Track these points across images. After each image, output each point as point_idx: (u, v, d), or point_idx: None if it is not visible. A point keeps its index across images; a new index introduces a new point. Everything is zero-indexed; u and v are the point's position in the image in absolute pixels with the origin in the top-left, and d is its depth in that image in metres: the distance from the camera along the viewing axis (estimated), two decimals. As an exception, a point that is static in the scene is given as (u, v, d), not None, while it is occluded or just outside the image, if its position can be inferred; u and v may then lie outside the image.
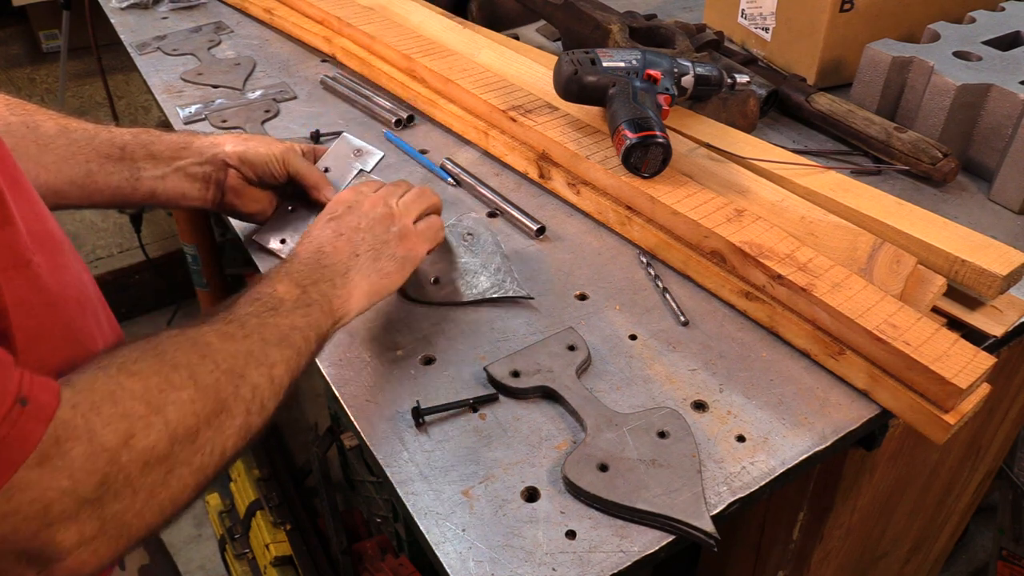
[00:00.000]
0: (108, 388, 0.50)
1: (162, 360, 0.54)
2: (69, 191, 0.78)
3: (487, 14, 1.43)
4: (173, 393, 0.52)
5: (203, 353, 0.56)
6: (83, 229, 2.67)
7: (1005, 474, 1.57)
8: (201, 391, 0.54)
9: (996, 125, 1.03)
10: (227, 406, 0.56)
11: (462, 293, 0.83)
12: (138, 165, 0.82)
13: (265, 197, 0.90)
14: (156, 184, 0.83)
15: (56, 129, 0.79)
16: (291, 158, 0.87)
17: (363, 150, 0.94)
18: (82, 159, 0.79)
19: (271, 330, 0.62)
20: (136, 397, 0.50)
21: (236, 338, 0.59)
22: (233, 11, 1.53)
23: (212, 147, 0.85)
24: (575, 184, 0.97)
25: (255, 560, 1.63)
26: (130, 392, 0.50)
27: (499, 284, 0.83)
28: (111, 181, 0.80)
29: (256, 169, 0.86)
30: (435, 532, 0.63)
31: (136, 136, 0.83)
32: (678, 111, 1.07)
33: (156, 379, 0.52)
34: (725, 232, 0.82)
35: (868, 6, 1.19)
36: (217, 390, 0.56)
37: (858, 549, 1.09)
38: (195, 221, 1.96)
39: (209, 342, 0.58)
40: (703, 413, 0.73)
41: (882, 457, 0.90)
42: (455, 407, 0.73)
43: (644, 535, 0.63)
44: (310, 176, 0.88)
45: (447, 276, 0.84)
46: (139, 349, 0.55)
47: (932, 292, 0.80)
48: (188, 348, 0.56)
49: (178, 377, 0.54)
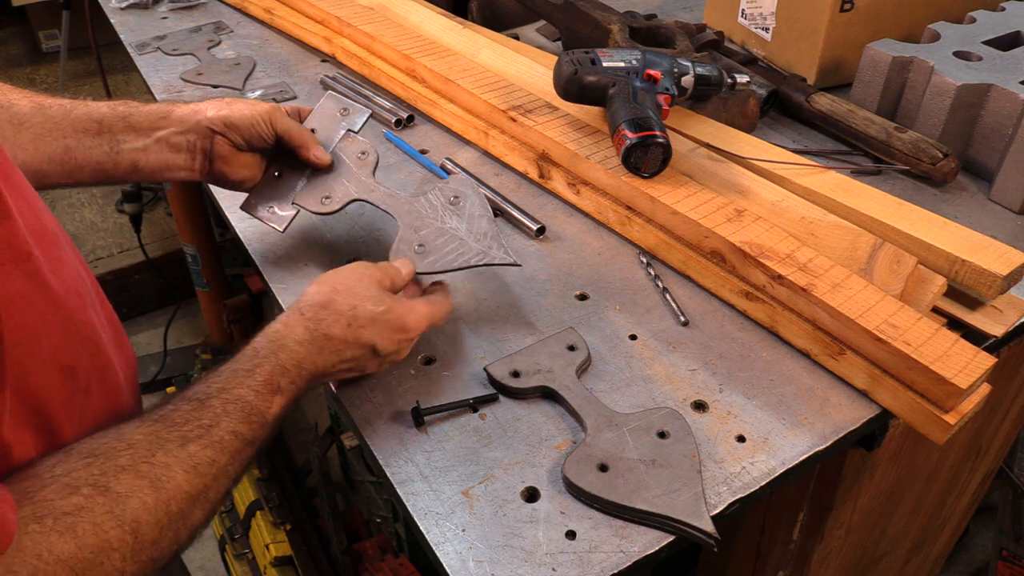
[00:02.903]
0: (35, 551, 0.46)
1: (107, 505, 0.50)
2: (49, 170, 0.75)
3: (487, 14, 1.43)
4: (105, 556, 0.49)
5: (156, 492, 0.53)
6: (83, 229, 2.67)
7: (1005, 474, 1.57)
8: (137, 550, 0.51)
9: (996, 125, 1.03)
10: (160, 556, 0.54)
11: (447, 261, 0.79)
12: (117, 138, 0.78)
13: (254, 162, 0.86)
14: (138, 156, 0.79)
15: (31, 107, 0.76)
16: (278, 117, 0.83)
17: (349, 109, 0.90)
18: (59, 135, 0.76)
19: (232, 453, 0.59)
20: (62, 562, 0.47)
21: (200, 469, 0.56)
22: (233, 11, 1.53)
23: (194, 114, 0.81)
24: (575, 184, 0.97)
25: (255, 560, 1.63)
26: (57, 557, 0.47)
27: (485, 251, 0.79)
28: (91, 156, 0.77)
29: (243, 132, 0.82)
30: (435, 532, 0.63)
31: (114, 108, 0.79)
32: (678, 111, 1.07)
33: (92, 539, 0.49)
34: (725, 232, 0.82)
35: (868, 6, 1.19)
36: (156, 544, 0.53)
37: (858, 549, 1.09)
38: (195, 221, 1.96)
39: (169, 477, 0.54)
40: (703, 413, 0.73)
41: (882, 457, 0.90)
42: (455, 407, 0.73)
43: (644, 535, 0.63)
44: (299, 135, 0.84)
45: (432, 243, 0.80)
46: (86, 480, 0.51)
47: (932, 292, 0.80)
48: (140, 483, 0.53)
49: (118, 535, 0.50)
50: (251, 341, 0.66)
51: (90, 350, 0.61)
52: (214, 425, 0.58)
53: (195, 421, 0.58)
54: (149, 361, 2.36)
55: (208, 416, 0.59)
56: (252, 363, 0.63)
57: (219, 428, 0.59)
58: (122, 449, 0.54)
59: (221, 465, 0.58)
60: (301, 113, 0.89)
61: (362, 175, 0.86)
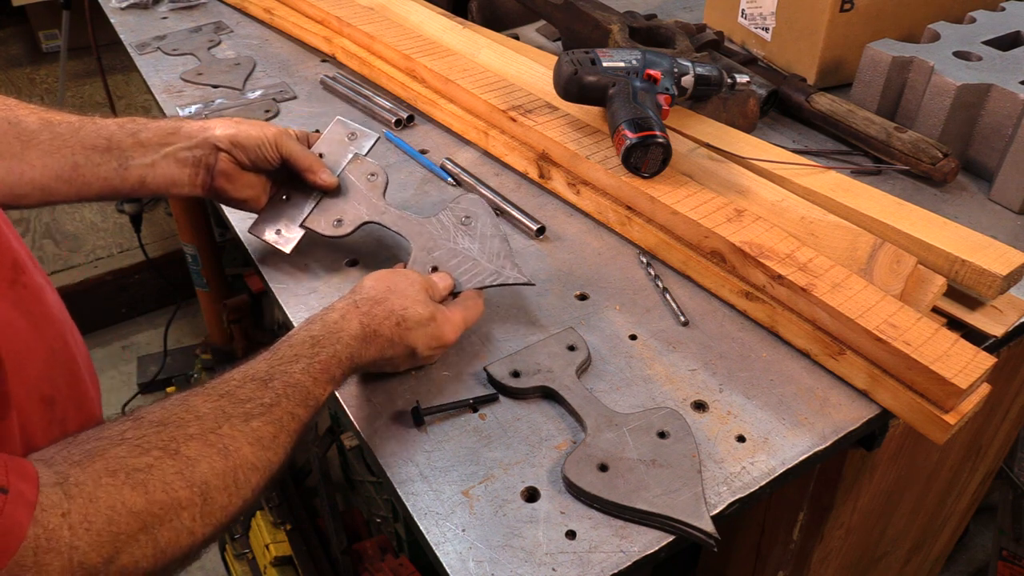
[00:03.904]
0: (109, 502, 0.47)
1: (177, 467, 0.51)
2: (56, 187, 0.76)
3: (487, 14, 1.43)
4: (175, 514, 0.50)
5: (224, 459, 0.55)
6: (83, 229, 2.67)
7: (1005, 474, 1.57)
8: (208, 512, 0.52)
9: (996, 125, 1.03)
10: (229, 521, 0.55)
11: (460, 282, 0.80)
12: (126, 154, 0.79)
13: (258, 183, 0.87)
14: (145, 172, 0.80)
15: (39, 123, 0.76)
16: (284, 141, 0.84)
17: (357, 133, 0.91)
18: (67, 152, 0.76)
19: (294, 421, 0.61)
20: (135, 514, 0.48)
21: (265, 443, 0.58)
22: (233, 11, 1.52)
23: (202, 131, 0.83)
24: (575, 184, 0.97)
25: (255, 560, 1.63)
26: (129, 509, 0.48)
27: (498, 272, 0.81)
28: (99, 173, 0.78)
29: (248, 152, 0.83)
30: (435, 532, 0.63)
31: (122, 126, 0.80)
32: (678, 111, 1.07)
33: (162, 495, 0.50)
34: (725, 232, 0.82)
35: (868, 6, 1.19)
36: (226, 509, 0.54)
37: (858, 549, 1.09)
38: (195, 221, 1.96)
39: (236, 448, 0.56)
40: (703, 413, 0.73)
41: (882, 457, 0.90)
42: (455, 407, 0.73)
43: (644, 535, 0.63)
44: (304, 159, 0.85)
45: (445, 263, 0.81)
46: (156, 444, 0.52)
47: (932, 292, 0.80)
48: (209, 451, 0.54)
49: (187, 495, 0.51)
50: (307, 326, 0.68)
51: (69, 380, 0.61)
52: (275, 405, 0.60)
53: (258, 400, 0.60)
54: (149, 361, 2.36)
55: (270, 396, 0.61)
56: (312, 351, 0.65)
57: (279, 408, 0.61)
58: (191, 420, 0.55)
59: (280, 442, 0.60)
60: (310, 139, 0.91)
61: (372, 197, 0.87)
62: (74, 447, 0.50)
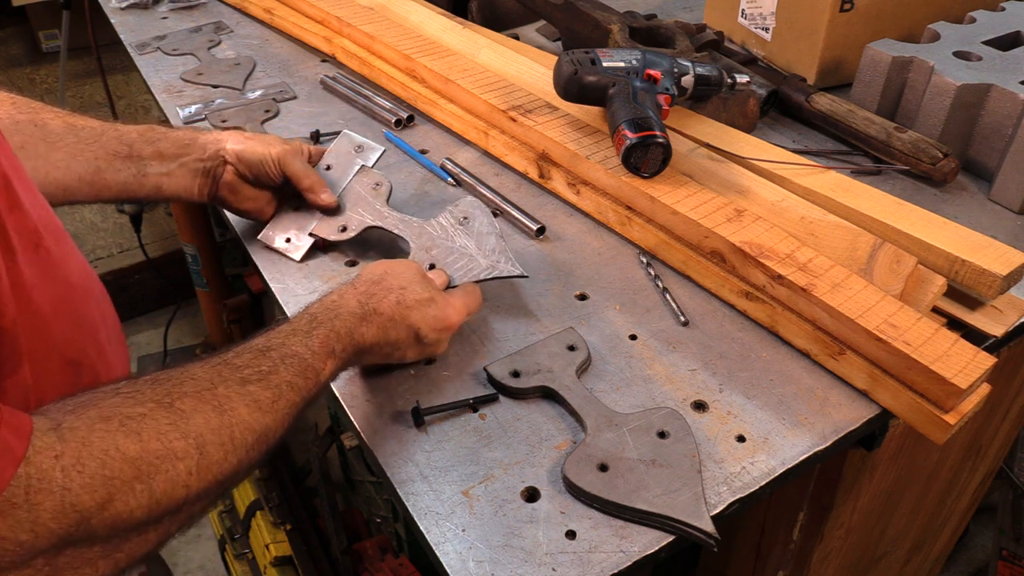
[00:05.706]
0: (102, 446, 0.47)
1: (171, 419, 0.51)
2: (78, 188, 0.79)
3: (487, 14, 1.43)
4: (170, 464, 0.50)
5: (220, 416, 0.54)
6: (83, 229, 2.67)
7: (1005, 474, 1.57)
8: (203, 466, 0.52)
9: (996, 125, 1.03)
10: (225, 480, 0.54)
11: (456, 277, 0.82)
12: (145, 162, 0.84)
13: (262, 196, 0.91)
14: (162, 180, 0.85)
15: (63, 127, 0.80)
16: (288, 159, 0.88)
17: (364, 146, 0.95)
18: (90, 156, 0.80)
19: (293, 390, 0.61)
20: (128, 460, 0.48)
21: (262, 406, 0.58)
22: (233, 11, 1.52)
23: (215, 143, 0.87)
24: (575, 184, 0.97)
25: (255, 560, 1.63)
26: (123, 454, 0.48)
27: (493, 265, 0.82)
28: (119, 178, 0.82)
29: (251, 168, 0.87)
30: (435, 532, 0.63)
31: (143, 134, 0.84)
32: (678, 111, 1.07)
33: (156, 444, 0.50)
34: (725, 232, 0.82)
35: (868, 6, 1.19)
36: (221, 465, 0.54)
37: (858, 549, 1.09)
38: (195, 221, 1.96)
39: (232, 408, 0.56)
40: (703, 413, 0.73)
41: (882, 457, 0.90)
42: (455, 407, 0.73)
43: (644, 535, 0.63)
44: (306, 179, 0.89)
45: (442, 260, 0.83)
46: (150, 397, 0.52)
47: (932, 292, 0.80)
48: (204, 407, 0.54)
49: (182, 445, 0.51)
50: (306, 309, 0.69)
51: (95, 347, 0.61)
52: (272, 372, 0.60)
53: (255, 367, 0.60)
54: (149, 361, 2.36)
55: (267, 364, 0.61)
56: (310, 326, 0.66)
57: (277, 375, 0.61)
58: (186, 379, 0.56)
59: (279, 408, 0.60)
60: (314, 156, 0.94)
61: (376, 204, 0.91)
62: (70, 400, 0.50)
